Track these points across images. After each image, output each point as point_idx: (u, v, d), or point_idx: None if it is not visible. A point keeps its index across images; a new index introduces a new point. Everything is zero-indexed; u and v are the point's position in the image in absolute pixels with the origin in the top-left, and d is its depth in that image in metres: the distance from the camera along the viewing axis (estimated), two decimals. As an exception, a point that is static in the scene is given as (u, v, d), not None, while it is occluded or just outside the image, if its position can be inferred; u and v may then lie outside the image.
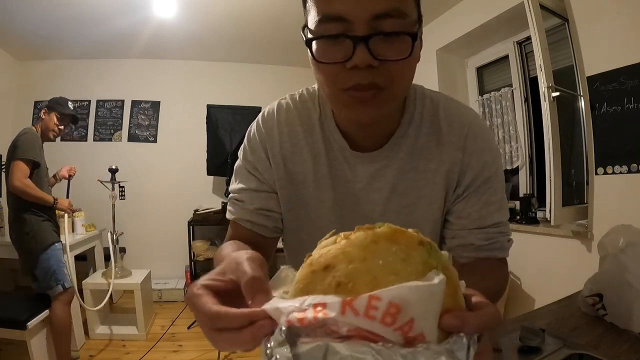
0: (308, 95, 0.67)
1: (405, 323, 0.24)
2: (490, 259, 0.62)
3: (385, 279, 0.26)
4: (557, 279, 2.04)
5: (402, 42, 0.48)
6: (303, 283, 0.28)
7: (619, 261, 0.88)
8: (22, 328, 1.89)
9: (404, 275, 0.26)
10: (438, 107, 0.64)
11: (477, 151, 0.62)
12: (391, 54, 0.48)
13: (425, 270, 0.26)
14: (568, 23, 2.02)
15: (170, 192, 3.78)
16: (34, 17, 2.81)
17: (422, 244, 0.29)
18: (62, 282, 2.08)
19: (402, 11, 0.47)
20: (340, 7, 0.46)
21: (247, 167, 0.67)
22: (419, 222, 0.64)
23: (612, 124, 1.80)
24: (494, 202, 0.62)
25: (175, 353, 2.45)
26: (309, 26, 0.51)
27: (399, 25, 0.47)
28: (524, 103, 2.62)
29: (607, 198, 1.85)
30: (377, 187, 0.63)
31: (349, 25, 0.47)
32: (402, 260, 0.27)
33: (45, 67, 3.64)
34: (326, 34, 0.48)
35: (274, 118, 0.66)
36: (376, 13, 0.46)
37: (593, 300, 0.91)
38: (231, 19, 2.96)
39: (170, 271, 3.66)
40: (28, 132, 2.11)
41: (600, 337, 0.78)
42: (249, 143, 0.68)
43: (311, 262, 0.29)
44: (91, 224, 2.87)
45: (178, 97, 3.86)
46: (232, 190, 0.68)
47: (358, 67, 0.47)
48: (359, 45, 0.46)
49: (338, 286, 0.26)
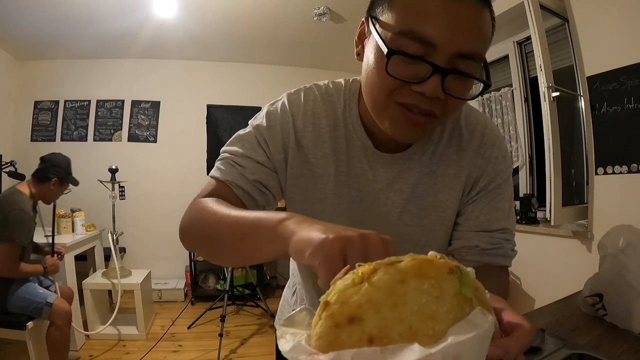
0: (334, 89, 0.66)
1: None
2: (492, 267, 0.63)
3: (422, 326, 0.23)
4: (557, 279, 2.04)
5: (471, 84, 0.50)
6: (326, 340, 0.24)
7: (619, 261, 0.88)
8: (21, 328, 1.89)
9: (442, 317, 0.24)
10: (460, 115, 0.65)
11: (493, 158, 0.64)
12: (458, 92, 0.48)
13: (459, 302, 0.25)
14: (568, 23, 2.02)
15: (170, 192, 3.77)
16: (34, 17, 2.81)
17: (452, 271, 0.26)
18: (43, 304, 1.89)
19: (481, 56, 0.49)
20: (432, 32, 0.45)
21: (258, 137, 0.63)
22: (434, 226, 0.65)
23: (612, 124, 1.80)
24: (502, 209, 0.64)
25: (175, 353, 2.45)
26: (382, 25, 0.49)
27: (476, 69, 0.49)
28: (524, 103, 2.62)
29: (607, 198, 1.85)
30: (397, 189, 0.64)
31: (431, 51, 0.46)
32: (436, 299, 0.24)
33: (45, 67, 3.64)
34: (407, 51, 0.46)
35: (300, 105, 0.64)
36: (462, 51, 0.46)
37: (593, 300, 0.91)
38: (231, 19, 2.96)
39: (170, 271, 3.66)
40: (20, 209, 1.84)
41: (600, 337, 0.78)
42: (268, 117, 0.64)
43: (332, 313, 0.24)
44: (91, 224, 2.87)
45: (178, 97, 3.85)
46: (229, 152, 0.63)
47: (424, 94, 0.47)
48: (435, 75, 0.46)
49: (370, 342, 0.23)
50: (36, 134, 3.65)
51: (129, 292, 2.67)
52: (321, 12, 2.81)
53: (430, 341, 0.23)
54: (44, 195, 2.04)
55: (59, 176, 2.05)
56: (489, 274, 0.61)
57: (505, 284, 0.65)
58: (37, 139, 3.64)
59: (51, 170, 2.04)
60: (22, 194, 1.92)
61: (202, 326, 2.86)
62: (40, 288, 1.98)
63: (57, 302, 1.96)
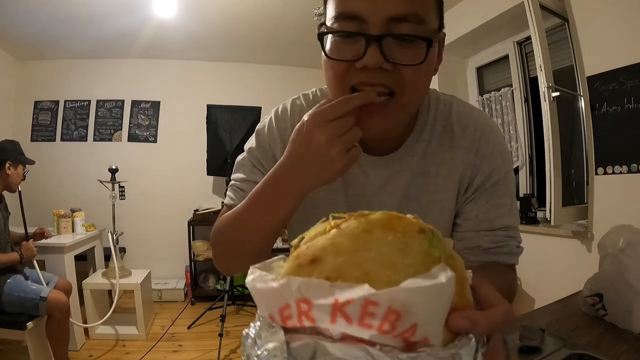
0: (321, 96, 0.67)
1: (407, 329, 0.21)
2: (497, 264, 0.61)
3: (378, 273, 0.22)
4: (557, 279, 2.04)
5: (417, 47, 0.47)
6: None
7: (619, 261, 0.88)
8: (21, 328, 1.89)
9: (401, 268, 0.23)
10: (451, 111, 0.63)
11: (488, 154, 0.61)
12: (404, 58, 0.47)
13: (426, 261, 0.23)
14: (568, 23, 2.02)
15: (170, 192, 3.78)
16: (34, 17, 2.81)
17: (423, 231, 0.25)
18: (37, 299, 1.90)
19: (421, 17, 0.46)
20: (357, 6, 0.46)
21: (252, 160, 0.66)
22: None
23: (612, 124, 1.80)
24: (503, 205, 0.61)
25: (175, 353, 2.45)
26: (326, 22, 0.51)
27: (415, 30, 0.46)
28: (524, 103, 2.62)
29: (607, 198, 1.85)
30: (389, 191, 0.63)
31: (364, 25, 0.46)
32: (398, 250, 0.23)
33: (45, 67, 3.64)
34: (339, 29, 0.48)
35: (287, 118, 0.65)
36: (393, 15, 0.45)
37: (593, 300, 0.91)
38: (231, 19, 2.96)
39: (170, 271, 3.66)
40: None
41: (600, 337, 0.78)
42: (258, 138, 0.67)
43: (298, 254, 0.25)
44: (91, 224, 2.87)
45: (178, 97, 3.85)
46: (234, 179, 0.68)
47: (368, 68, 0.46)
48: (371, 45, 0.45)
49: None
50: (36, 134, 3.65)
51: (129, 292, 2.67)
52: (321, 12, 2.79)
53: (384, 287, 0.21)
54: (5, 183, 2.05)
55: (10, 158, 2.05)
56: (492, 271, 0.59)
57: (510, 281, 0.63)
58: (37, 139, 3.64)
59: (0, 156, 2.04)
60: None
61: (202, 326, 2.86)
62: (34, 284, 1.98)
63: (52, 294, 1.96)
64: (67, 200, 3.16)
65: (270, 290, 0.23)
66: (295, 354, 0.21)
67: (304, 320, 0.22)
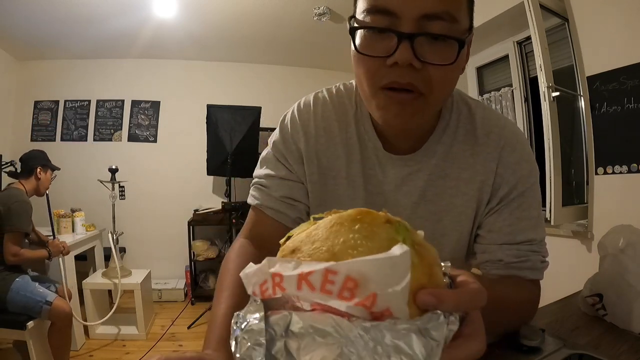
0: (345, 91, 0.66)
1: (366, 297, 0.22)
2: (519, 278, 0.58)
3: (344, 253, 0.25)
4: (557, 279, 2.03)
5: (449, 47, 0.46)
6: None
7: (619, 261, 0.88)
8: (21, 328, 1.89)
9: (364, 250, 0.25)
10: (475, 116, 0.62)
11: (512, 164, 0.59)
12: (435, 57, 0.46)
13: (391, 245, 0.24)
14: (568, 23, 2.02)
15: (170, 192, 3.78)
16: (34, 17, 2.81)
17: (390, 222, 0.27)
18: (43, 302, 1.93)
19: (453, 16, 0.45)
20: (390, 0, 0.45)
21: (276, 155, 0.65)
22: (446, 231, 0.62)
23: (612, 124, 1.80)
24: (528, 218, 0.59)
25: (176, 353, 2.45)
26: (356, 16, 0.49)
27: (448, 29, 0.45)
28: (524, 103, 2.62)
29: (607, 198, 1.85)
30: (406, 191, 0.62)
31: (396, 21, 0.45)
32: (364, 237, 0.26)
33: (45, 67, 3.64)
34: (371, 25, 0.47)
35: (310, 111, 0.65)
36: (426, 13, 0.44)
37: (593, 300, 0.91)
38: (231, 19, 2.96)
39: (170, 271, 3.66)
40: (20, 200, 2.02)
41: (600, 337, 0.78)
42: (282, 132, 0.66)
43: (282, 248, 0.30)
44: (91, 224, 2.87)
45: (178, 97, 3.86)
46: (257, 176, 0.67)
47: (398, 65, 0.45)
48: (402, 42, 0.44)
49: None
50: (36, 133, 3.65)
51: (129, 292, 2.67)
52: (321, 12, 2.82)
53: None
54: (35, 187, 2.23)
55: (40, 164, 2.25)
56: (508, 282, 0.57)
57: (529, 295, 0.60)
58: (37, 139, 3.64)
59: (31, 162, 2.23)
60: (19, 189, 2.13)
61: (202, 326, 2.86)
62: (41, 287, 2.00)
63: (57, 301, 1.97)
64: (67, 200, 3.16)
65: (254, 271, 0.27)
66: (273, 323, 0.24)
67: (277, 290, 0.25)
